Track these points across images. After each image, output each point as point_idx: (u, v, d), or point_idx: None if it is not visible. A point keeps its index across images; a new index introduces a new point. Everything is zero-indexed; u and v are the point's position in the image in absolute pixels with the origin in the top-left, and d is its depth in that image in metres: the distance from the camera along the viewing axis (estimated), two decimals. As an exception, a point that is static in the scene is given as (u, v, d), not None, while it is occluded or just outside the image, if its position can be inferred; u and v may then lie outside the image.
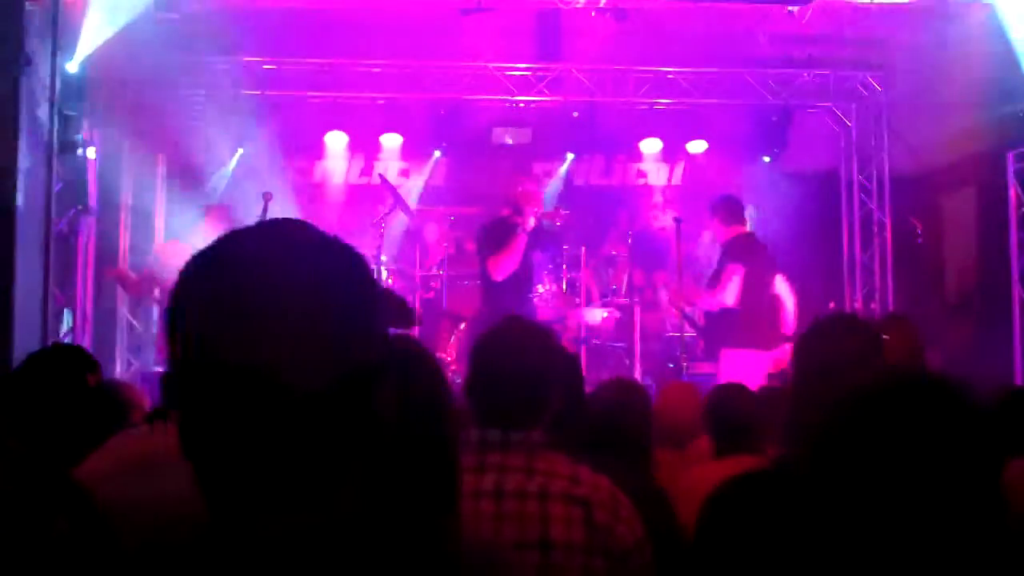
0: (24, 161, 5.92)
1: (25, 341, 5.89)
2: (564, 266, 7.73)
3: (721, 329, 6.30)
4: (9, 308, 5.79)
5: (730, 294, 6.10)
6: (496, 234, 6.38)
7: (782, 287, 6.57)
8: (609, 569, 1.99)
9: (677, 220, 6.97)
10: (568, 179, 9.65)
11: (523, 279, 6.50)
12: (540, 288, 7.00)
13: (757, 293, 6.15)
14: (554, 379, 2.19)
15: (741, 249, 6.24)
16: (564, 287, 7.74)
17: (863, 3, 7.97)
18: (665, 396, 4.18)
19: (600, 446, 2.74)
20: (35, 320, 6.17)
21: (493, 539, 1.96)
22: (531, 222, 6.37)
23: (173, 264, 8.37)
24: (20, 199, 5.89)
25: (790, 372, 2.17)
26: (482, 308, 6.62)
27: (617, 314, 7.77)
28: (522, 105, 9.03)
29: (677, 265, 6.85)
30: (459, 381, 3.05)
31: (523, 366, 2.14)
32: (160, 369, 7.17)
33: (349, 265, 0.97)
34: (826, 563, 1.43)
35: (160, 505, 2.12)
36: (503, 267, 6.29)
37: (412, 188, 9.37)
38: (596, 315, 7.76)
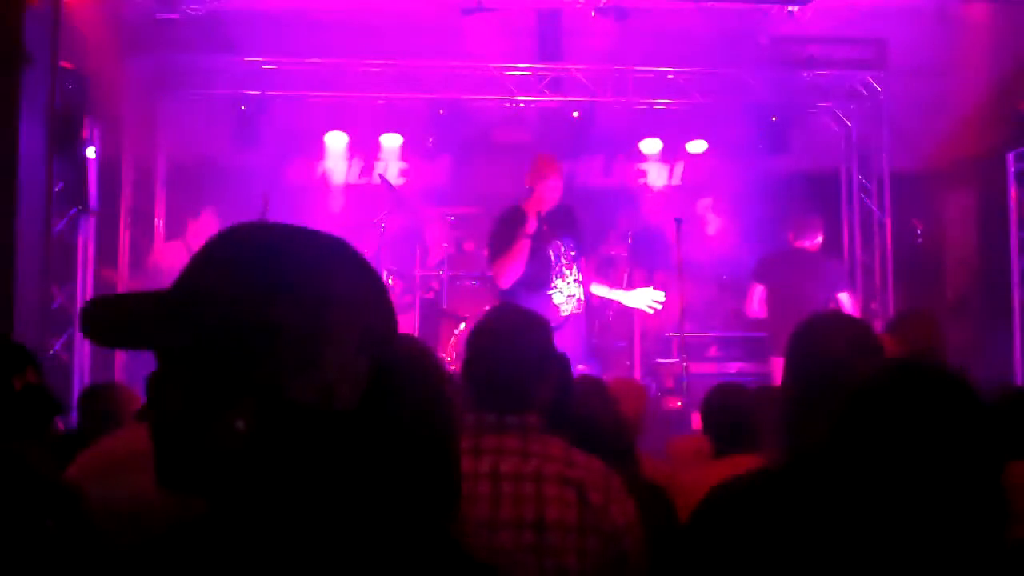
0: (24, 161, 5.92)
1: (25, 341, 5.88)
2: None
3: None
4: (9, 308, 5.78)
5: (748, 306, 7.10)
6: (498, 234, 5.88)
7: (844, 299, 6.97)
8: (603, 548, 2.04)
9: (677, 220, 6.95)
10: (568, 179, 9.61)
11: (537, 278, 5.88)
12: (559, 282, 5.97)
13: (785, 304, 6.72)
14: (547, 364, 2.24)
15: (760, 266, 7.10)
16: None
17: (863, 3, 7.97)
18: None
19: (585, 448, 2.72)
20: (35, 320, 6.16)
21: (490, 519, 2.02)
22: (536, 221, 5.70)
23: (173, 265, 8.36)
24: (20, 199, 5.89)
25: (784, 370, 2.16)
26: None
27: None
28: (523, 105, 9.03)
29: (677, 265, 6.83)
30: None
31: (515, 348, 2.20)
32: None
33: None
34: (835, 561, 1.43)
35: (149, 503, 2.12)
36: (507, 275, 5.80)
37: (412, 188, 9.36)
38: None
